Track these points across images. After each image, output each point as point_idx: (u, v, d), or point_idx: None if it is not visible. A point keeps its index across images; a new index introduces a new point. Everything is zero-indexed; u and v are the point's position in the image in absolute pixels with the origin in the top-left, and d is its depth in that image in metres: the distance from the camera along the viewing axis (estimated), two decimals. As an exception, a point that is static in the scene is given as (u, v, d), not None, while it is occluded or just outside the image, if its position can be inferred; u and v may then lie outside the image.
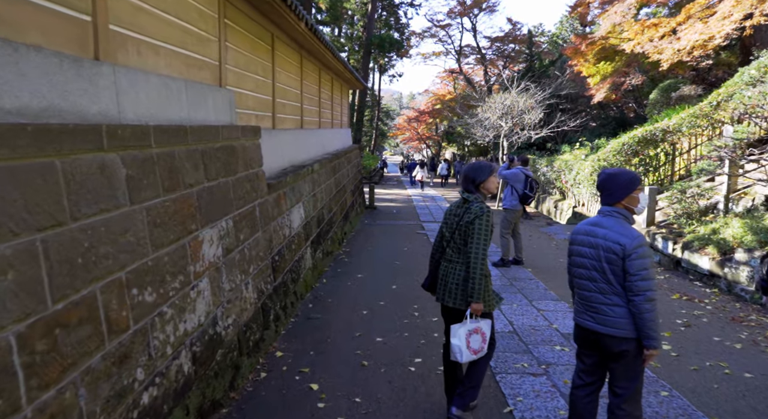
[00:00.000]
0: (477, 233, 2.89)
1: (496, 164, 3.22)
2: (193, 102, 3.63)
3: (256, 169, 4.58)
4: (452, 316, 3.11)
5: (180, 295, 2.80)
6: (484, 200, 3.06)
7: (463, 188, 3.09)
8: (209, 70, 4.21)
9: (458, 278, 3.00)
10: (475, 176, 3.04)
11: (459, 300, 2.99)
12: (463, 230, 2.96)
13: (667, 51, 10.68)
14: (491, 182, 3.05)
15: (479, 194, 3.05)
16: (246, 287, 3.97)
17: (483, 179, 3.03)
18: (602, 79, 18.40)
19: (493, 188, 3.07)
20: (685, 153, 11.94)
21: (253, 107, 5.61)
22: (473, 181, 3.04)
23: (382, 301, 5.77)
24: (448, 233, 3.09)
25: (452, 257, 3.06)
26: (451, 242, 3.06)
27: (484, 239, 2.90)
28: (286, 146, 6.96)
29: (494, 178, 3.06)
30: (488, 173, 3.04)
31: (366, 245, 9.33)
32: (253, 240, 4.27)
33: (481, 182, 3.03)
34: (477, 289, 2.86)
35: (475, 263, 2.87)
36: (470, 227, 2.91)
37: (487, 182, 3.04)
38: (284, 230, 5.40)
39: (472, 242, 2.89)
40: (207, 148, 3.45)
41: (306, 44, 7.83)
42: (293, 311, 5.28)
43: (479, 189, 3.05)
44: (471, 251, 2.89)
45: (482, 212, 2.92)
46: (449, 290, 3.02)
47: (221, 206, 3.60)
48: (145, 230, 2.49)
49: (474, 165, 3.10)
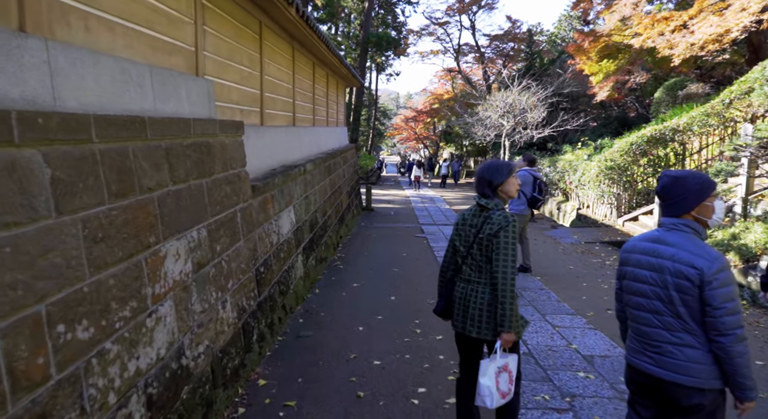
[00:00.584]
0: (503, 247, 2.37)
1: (514, 163, 2.69)
2: (160, 91, 3.09)
3: (238, 169, 4.04)
4: (472, 347, 2.60)
5: (131, 326, 2.26)
6: (504, 206, 2.54)
7: (479, 193, 2.57)
8: (182, 57, 3.67)
9: (482, 303, 2.47)
10: (492, 178, 2.52)
11: (485, 330, 2.47)
12: (485, 244, 2.44)
13: (681, 45, 10.18)
14: (511, 183, 2.54)
15: (498, 198, 2.53)
16: (223, 306, 3.43)
17: (501, 180, 2.51)
18: (605, 78, 17.92)
19: (513, 191, 2.55)
20: (696, 153, 11.45)
21: (237, 101, 5.07)
22: (489, 184, 2.52)
23: (380, 315, 5.23)
24: (463, 248, 2.57)
25: (471, 277, 2.53)
26: (468, 258, 2.53)
27: (511, 255, 2.39)
28: (276, 145, 6.42)
29: (514, 179, 2.55)
30: (507, 174, 2.52)
31: (362, 250, 8.79)
32: (233, 251, 3.73)
33: (499, 185, 2.52)
34: (508, 316, 2.35)
35: (503, 284, 2.36)
36: (493, 240, 2.40)
37: (506, 184, 2.52)
38: (271, 237, 4.86)
39: (498, 259, 2.38)
40: (174, 144, 2.91)
41: (298, 35, 7.29)
42: (281, 327, 4.74)
43: (497, 193, 2.53)
44: (497, 270, 2.37)
45: (506, 221, 2.40)
46: (472, 318, 2.50)
47: (192, 213, 3.06)
48: (80, 248, 1.95)
49: (489, 165, 2.59)
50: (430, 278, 6.83)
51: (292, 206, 5.93)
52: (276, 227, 5.08)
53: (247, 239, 4.12)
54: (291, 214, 5.83)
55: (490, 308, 2.44)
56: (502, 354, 2.38)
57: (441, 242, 9.57)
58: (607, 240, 9.82)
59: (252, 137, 5.33)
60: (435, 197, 19.81)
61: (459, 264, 2.61)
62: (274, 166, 6.14)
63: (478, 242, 2.46)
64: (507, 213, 2.44)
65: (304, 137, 8.40)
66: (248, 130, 5.17)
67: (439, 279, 2.78)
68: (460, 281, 2.60)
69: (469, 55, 31.50)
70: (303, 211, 6.49)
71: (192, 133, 3.19)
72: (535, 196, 6.86)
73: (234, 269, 3.73)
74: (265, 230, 4.69)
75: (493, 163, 2.59)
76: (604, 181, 11.93)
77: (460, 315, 2.56)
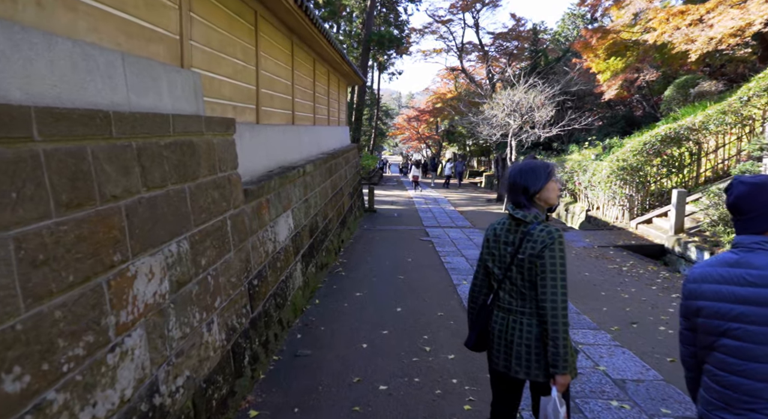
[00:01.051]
0: (549, 270, 1.94)
1: (553, 163, 2.23)
2: (135, 83, 2.68)
3: (228, 172, 3.63)
4: (515, 389, 2.19)
5: (86, 366, 1.85)
6: (545, 217, 2.11)
7: (512, 202, 2.12)
8: (164, 45, 3.26)
9: (529, 338, 2.03)
10: (528, 184, 2.07)
11: (535, 370, 2.03)
12: (526, 266, 2.01)
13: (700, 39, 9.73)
14: (551, 189, 2.08)
15: (535, 208, 2.08)
16: (209, 328, 3.02)
17: (539, 186, 2.06)
18: (613, 76, 17.46)
19: (553, 198, 2.10)
20: (712, 153, 11.01)
21: (230, 97, 4.66)
22: (525, 191, 2.08)
23: (385, 329, 4.81)
24: (498, 270, 2.13)
25: (512, 305, 2.09)
26: (505, 283, 2.10)
27: (561, 278, 1.95)
28: (274, 144, 6.01)
29: (554, 184, 2.10)
30: (545, 177, 2.07)
31: (365, 255, 8.37)
32: (221, 264, 3.32)
33: (536, 192, 2.07)
34: (562, 355, 1.92)
35: (554, 316, 1.93)
36: (537, 262, 1.97)
37: (546, 190, 2.07)
38: (267, 245, 4.45)
39: (545, 285, 1.95)
40: (148, 144, 2.50)
41: (297, 28, 6.88)
42: (277, 345, 4.33)
43: (534, 202, 2.08)
44: (545, 299, 1.94)
45: (551, 238, 1.96)
46: (518, 356, 2.05)
47: (171, 223, 2.65)
48: (11, 275, 1.53)
49: (523, 168, 2.12)
50: (437, 286, 6.41)
51: (291, 210, 5.52)
52: (272, 234, 4.67)
53: (239, 249, 3.70)
54: (289, 219, 5.41)
55: (539, 345, 2.00)
56: (561, 400, 1.93)
57: (447, 247, 9.15)
58: (621, 244, 9.38)
59: (246, 136, 4.92)
60: (439, 198, 19.39)
61: (494, 289, 2.17)
62: (271, 167, 5.73)
63: (518, 265, 2.03)
64: (551, 227, 2.00)
65: (304, 137, 7.98)
66: (242, 128, 4.76)
67: (469, 306, 2.33)
68: (497, 310, 2.16)
69: (472, 54, 31.05)
70: (302, 215, 6.07)
71: (172, 131, 2.78)
72: (548, 199, 6.43)
73: (222, 284, 3.31)
74: (260, 239, 4.27)
75: (528, 165, 2.12)
76: (615, 182, 11.49)
77: (502, 352, 2.11)
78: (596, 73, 18.80)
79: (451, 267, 7.48)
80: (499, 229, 2.16)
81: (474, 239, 10.01)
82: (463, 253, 8.57)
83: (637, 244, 9.48)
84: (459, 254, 8.47)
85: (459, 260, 8.03)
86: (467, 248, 8.98)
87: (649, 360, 4.03)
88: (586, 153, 17.26)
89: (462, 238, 10.15)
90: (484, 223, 12.63)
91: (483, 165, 34.33)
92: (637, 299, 5.83)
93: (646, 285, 6.49)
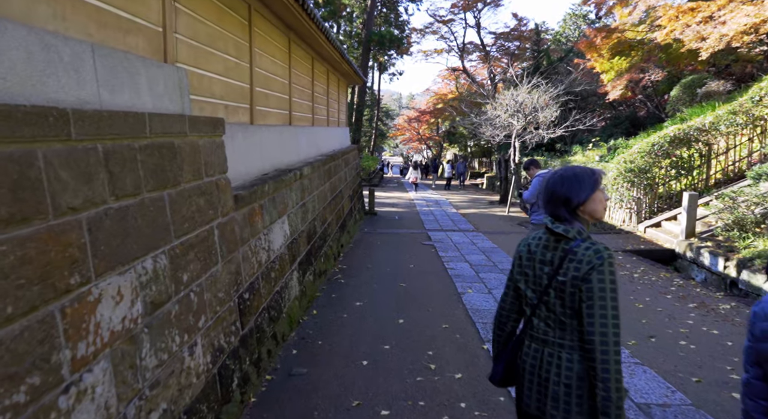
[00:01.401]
0: (598, 297, 1.60)
1: (600, 170, 1.88)
2: (108, 78, 2.38)
3: (216, 176, 3.32)
4: None
5: (28, 415, 1.53)
6: (588, 233, 1.78)
7: (551, 215, 1.78)
8: (144, 37, 2.96)
9: (569, 376, 1.67)
10: (571, 193, 1.73)
11: (577, 416, 1.67)
12: (567, 291, 1.67)
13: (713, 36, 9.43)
14: (597, 200, 1.75)
15: (578, 222, 1.75)
16: (191, 352, 2.71)
17: (584, 197, 1.72)
18: (617, 76, 17.16)
19: (600, 211, 1.76)
20: (722, 154, 10.70)
21: (221, 95, 4.35)
22: (567, 202, 1.73)
23: (387, 343, 4.50)
24: (532, 294, 1.80)
25: (549, 336, 1.74)
26: (540, 308, 1.77)
27: (612, 307, 1.60)
28: (269, 146, 5.71)
29: (601, 194, 1.76)
30: (591, 187, 1.73)
31: (365, 260, 8.06)
32: (207, 278, 3.01)
33: (580, 203, 1.72)
34: (614, 400, 1.56)
35: (604, 351, 1.57)
36: (582, 287, 1.63)
37: (592, 201, 1.73)
38: (260, 255, 4.14)
39: (593, 314, 1.60)
40: (118, 146, 2.19)
41: (295, 24, 6.58)
42: (270, 362, 4.02)
43: (577, 215, 1.75)
44: (593, 331, 1.60)
45: (600, 258, 1.63)
46: (555, 398, 1.70)
47: (146, 236, 2.34)
48: None
49: (565, 175, 1.76)
50: (440, 294, 6.10)
51: (286, 216, 5.21)
52: (266, 242, 4.36)
53: (228, 261, 3.39)
54: (285, 225, 5.11)
55: (582, 385, 1.65)
56: None
57: (450, 252, 8.84)
58: (630, 249, 9.07)
59: (239, 137, 4.62)
60: (440, 200, 19.08)
61: (527, 315, 1.84)
62: (266, 170, 5.43)
63: (557, 288, 1.70)
64: (598, 245, 1.66)
65: (302, 138, 7.68)
66: (234, 129, 4.46)
67: (495, 333, 2.00)
68: (531, 341, 1.81)
69: (473, 54, 30.73)
70: (299, 221, 5.77)
71: (148, 131, 2.47)
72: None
73: (208, 301, 3.00)
74: (252, 248, 3.96)
75: (571, 171, 1.76)
76: (623, 184, 11.19)
77: (534, 392, 1.77)
78: (600, 73, 18.51)
79: (455, 274, 7.17)
80: (534, 245, 1.82)
81: (478, 243, 9.70)
82: (467, 258, 8.26)
83: (647, 249, 9.17)
84: (462, 260, 8.16)
85: (463, 266, 7.72)
86: (471, 253, 8.67)
87: (673, 380, 3.72)
88: (589, 154, 16.95)
89: (465, 242, 9.84)
90: (488, 226, 12.32)
91: (484, 166, 34.01)
92: (653, 310, 5.52)
93: (660, 294, 6.18)
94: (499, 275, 7.14)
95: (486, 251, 8.86)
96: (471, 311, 5.45)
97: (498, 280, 6.84)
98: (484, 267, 7.62)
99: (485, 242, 9.80)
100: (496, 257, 8.40)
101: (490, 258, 8.28)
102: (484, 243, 9.71)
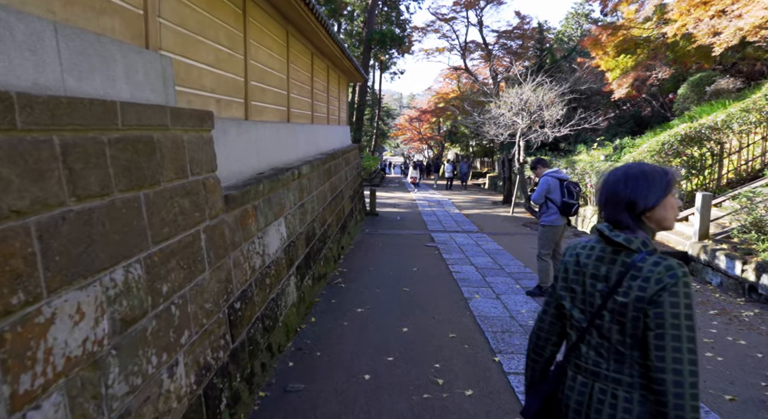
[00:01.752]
0: (671, 324, 1.28)
1: (674, 170, 1.52)
2: (76, 62, 2.08)
3: (203, 175, 3.01)
4: None
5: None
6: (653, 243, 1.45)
7: (609, 220, 1.46)
8: (122, 20, 2.65)
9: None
10: (637, 196, 1.40)
11: None
12: (630, 315, 1.34)
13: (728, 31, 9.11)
14: (669, 206, 1.41)
15: (642, 230, 1.42)
16: (171, 373, 2.40)
17: (654, 201, 1.39)
18: (623, 74, 16.86)
19: (671, 220, 1.43)
20: (735, 153, 10.38)
21: (211, 88, 4.04)
22: (632, 205, 1.41)
23: (390, 355, 4.19)
24: (580, 314, 1.48)
25: (601, 368, 1.42)
26: (591, 334, 1.44)
27: (688, 337, 1.28)
28: (266, 143, 5.40)
29: (674, 199, 1.43)
30: (664, 189, 1.40)
31: (367, 263, 7.75)
32: (191, 288, 2.70)
33: (648, 209, 1.40)
34: None
35: (680, 395, 1.25)
36: (650, 311, 1.31)
37: (662, 207, 1.40)
38: (253, 260, 3.83)
39: (664, 346, 1.28)
40: (80, 139, 1.89)
41: (294, 17, 6.27)
42: (264, 377, 3.70)
43: (642, 222, 1.42)
44: (665, 368, 1.27)
45: (674, 276, 1.31)
46: None
47: (116, 243, 2.03)
48: None
49: (630, 172, 1.44)
50: (446, 300, 5.79)
51: (283, 217, 4.90)
52: (260, 246, 4.05)
53: (217, 267, 3.09)
54: (281, 227, 4.80)
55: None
56: None
57: (455, 254, 8.53)
58: (640, 251, 8.74)
59: (232, 133, 4.31)
60: (443, 200, 18.77)
61: (573, 340, 1.51)
62: (262, 169, 5.12)
63: (615, 311, 1.37)
64: (671, 261, 1.35)
65: (301, 136, 7.37)
66: (226, 124, 4.16)
67: (530, 358, 1.67)
68: (576, 372, 1.49)
69: (475, 53, 30.43)
70: (297, 222, 5.46)
71: (120, 123, 2.16)
72: (566, 201, 5.80)
73: (193, 313, 2.69)
74: (245, 253, 3.65)
75: (638, 169, 1.43)
76: (631, 184, 10.85)
77: None
78: (605, 71, 18.22)
79: (461, 278, 6.86)
80: (585, 256, 1.49)
81: (483, 245, 9.39)
82: (472, 261, 7.94)
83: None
84: (468, 262, 7.84)
85: (468, 269, 7.40)
86: (476, 256, 8.36)
87: (704, 398, 3.41)
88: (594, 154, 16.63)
89: (470, 244, 9.52)
90: (492, 227, 12.01)
91: (486, 166, 33.69)
92: (672, 317, 5.19)
93: (678, 299, 5.85)
94: (507, 278, 6.82)
95: (492, 254, 8.54)
96: (479, 318, 5.14)
97: (505, 284, 6.52)
98: (491, 270, 7.31)
99: (490, 244, 9.48)
100: (503, 259, 8.08)
101: (496, 261, 7.97)
102: (489, 245, 9.40)
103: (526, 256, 8.25)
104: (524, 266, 7.55)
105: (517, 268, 7.46)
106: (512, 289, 6.27)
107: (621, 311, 1.35)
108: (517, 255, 8.37)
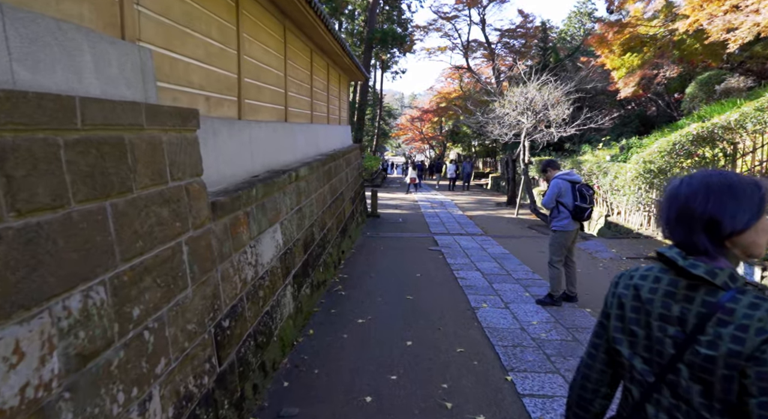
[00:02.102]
0: None
1: (765, 182, 1.19)
2: (29, 52, 1.77)
3: (186, 180, 2.70)
4: None
5: None
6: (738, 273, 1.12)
7: (680, 244, 1.13)
8: (90, 5, 2.34)
9: None
10: (722, 214, 1.07)
11: None
12: (719, 373, 1.01)
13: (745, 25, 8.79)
14: (762, 231, 1.09)
15: (725, 259, 1.10)
16: (142, 410, 2.08)
17: (744, 223, 1.07)
18: (629, 73, 16.52)
19: (762, 246, 1.10)
20: (749, 154, 10.05)
21: (200, 85, 3.73)
22: (713, 225, 1.08)
23: (394, 373, 3.88)
24: (644, 365, 1.15)
25: None
26: (660, 391, 1.11)
27: None
28: (261, 144, 5.09)
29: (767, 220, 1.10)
30: (758, 207, 1.07)
31: (368, 268, 7.43)
32: (170, 309, 2.39)
33: (737, 232, 1.08)
34: None
35: None
36: (751, 369, 0.98)
37: (754, 230, 1.08)
38: (245, 271, 3.52)
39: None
40: (26, 140, 1.58)
41: (291, 11, 5.96)
42: (257, 400, 3.39)
43: (725, 247, 1.10)
44: None
45: None
46: None
47: (72, 264, 1.72)
48: None
49: (712, 181, 1.10)
50: (452, 309, 5.47)
51: (279, 223, 4.59)
52: (253, 256, 3.74)
53: (202, 283, 2.77)
54: (277, 234, 4.48)
55: None
56: None
57: (459, 258, 8.21)
58: (652, 255, 8.42)
59: (223, 133, 4.00)
60: (445, 201, 18.46)
61: (635, 399, 1.17)
62: (256, 172, 4.81)
63: (696, 366, 1.04)
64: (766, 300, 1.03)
65: (299, 136, 7.06)
66: (217, 124, 3.85)
67: (573, 411, 1.33)
68: None
69: (478, 52, 30.10)
70: (294, 228, 5.14)
71: (79, 122, 1.85)
72: (578, 205, 5.48)
73: (172, 337, 2.38)
74: (235, 264, 3.34)
75: (723, 180, 1.10)
76: (641, 185, 10.54)
77: None
78: (610, 70, 17.88)
79: (467, 284, 6.54)
80: (648, 289, 1.16)
81: (488, 249, 9.07)
82: (478, 266, 7.62)
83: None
84: (473, 268, 7.52)
85: (474, 275, 7.09)
86: (482, 260, 8.04)
87: None
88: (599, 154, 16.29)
89: (475, 247, 9.20)
90: (497, 230, 11.69)
91: (488, 166, 33.35)
92: (693, 329, 4.87)
93: (697, 309, 5.53)
94: (515, 285, 6.51)
95: (498, 258, 8.22)
96: (488, 330, 4.82)
97: (514, 292, 6.20)
98: (498, 276, 6.99)
99: (496, 248, 9.16)
100: (509, 264, 7.76)
101: (503, 266, 7.65)
102: (494, 249, 9.07)
103: (534, 261, 7.93)
104: (532, 272, 7.23)
105: (524, 274, 7.14)
106: (521, 297, 5.95)
107: (705, 367, 1.03)
108: (524, 260, 8.05)
